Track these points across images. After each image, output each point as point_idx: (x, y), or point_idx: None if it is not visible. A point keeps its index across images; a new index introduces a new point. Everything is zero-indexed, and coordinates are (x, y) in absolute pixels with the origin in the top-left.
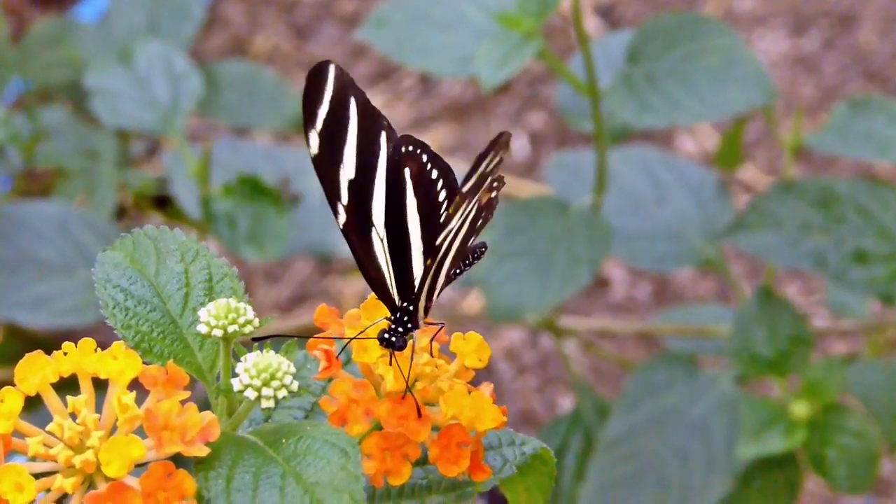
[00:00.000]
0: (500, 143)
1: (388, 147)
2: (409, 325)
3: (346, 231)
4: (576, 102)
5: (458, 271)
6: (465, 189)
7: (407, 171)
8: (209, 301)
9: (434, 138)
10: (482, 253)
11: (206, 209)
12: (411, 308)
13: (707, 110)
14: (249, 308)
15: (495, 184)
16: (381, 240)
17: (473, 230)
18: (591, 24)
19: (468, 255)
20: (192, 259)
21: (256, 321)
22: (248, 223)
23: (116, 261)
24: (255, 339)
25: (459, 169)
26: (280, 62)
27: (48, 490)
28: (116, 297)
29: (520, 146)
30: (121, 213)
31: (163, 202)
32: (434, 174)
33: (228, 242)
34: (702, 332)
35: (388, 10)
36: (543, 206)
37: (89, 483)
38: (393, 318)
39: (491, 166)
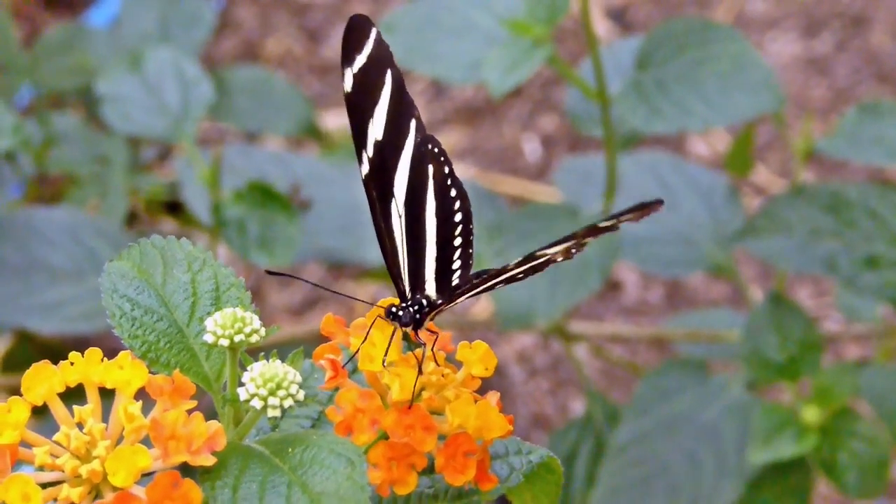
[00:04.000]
0: (649, 208)
1: (416, 136)
2: (418, 317)
3: (367, 184)
4: (586, 108)
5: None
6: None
7: (430, 169)
8: (216, 310)
9: (446, 142)
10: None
11: (216, 215)
12: (424, 302)
13: (717, 116)
14: (256, 317)
15: (574, 250)
16: (400, 216)
17: (514, 279)
18: (603, 27)
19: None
20: (199, 268)
21: (263, 331)
22: (258, 229)
23: (123, 271)
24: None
25: (470, 174)
26: (292, 66)
27: (55, 500)
28: (123, 306)
29: (531, 150)
30: (132, 218)
31: (174, 208)
32: (453, 193)
33: (239, 248)
34: (713, 337)
35: (397, 15)
36: (554, 212)
37: (96, 493)
38: (402, 304)
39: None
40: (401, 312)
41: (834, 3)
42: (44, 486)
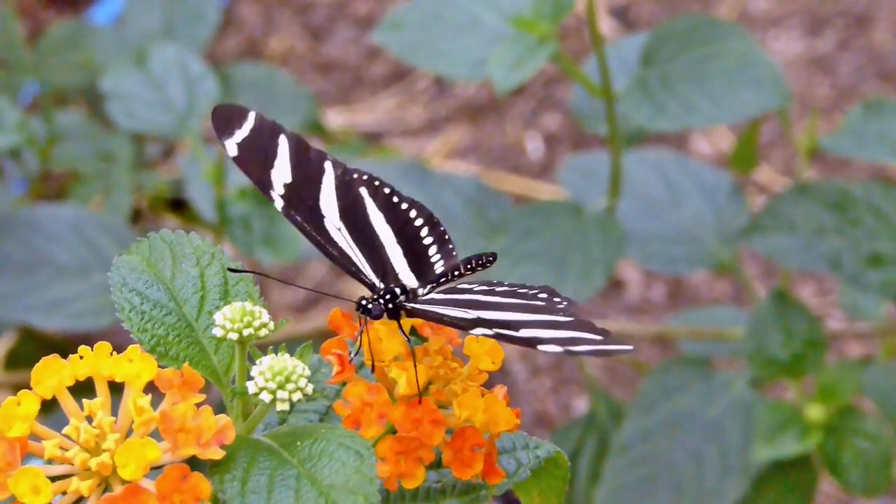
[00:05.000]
0: (615, 350)
1: (335, 170)
2: (390, 306)
3: (288, 214)
4: (590, 105)
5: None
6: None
7: (364, 191)
8: (224, 304)
9: (448, 139)
10: (490, 262)
11: (221, 212)
12: (398, 290)
13: (721, 113)
14: (265, 311)
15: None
16: (339, 229)
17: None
18: (606, 25)
19: (473, 263)
20: (208, 263)
21: (271, 324)
22: (262, 226)
23: (132, 265)
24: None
25: (472, 171)
26: (295, 64)
27: (64, 493)
28: (132, 300)
29: (534, 147)
30: (136, 215)
31: (178, 205)
32: (404, 206)
33: (243, 245)
34: (716, 335)
35: (402, 12)
36: (558, 209)
37: (105, 485)
38: (374, 295)
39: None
40: (370, 305)
41: (837, 1)
42: (53, 478)
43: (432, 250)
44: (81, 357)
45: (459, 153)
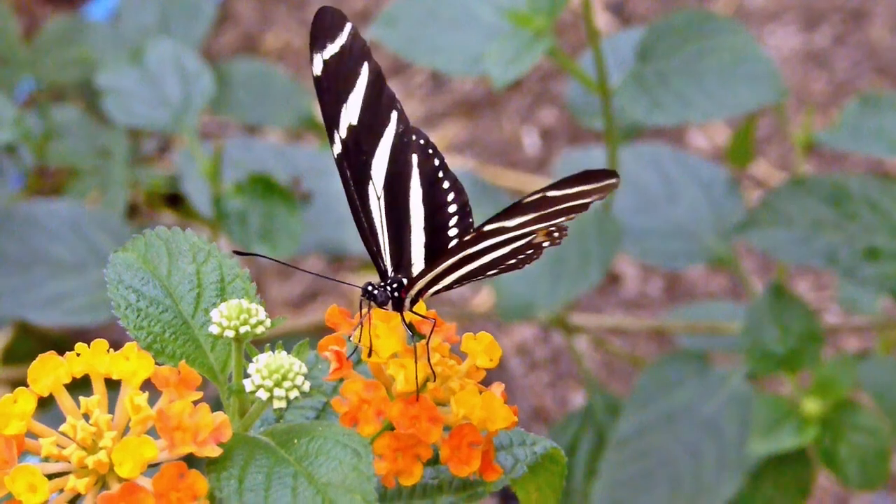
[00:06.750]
0: (605, 185)
1: (398, 126)
2: (396, 296)
3: (340, 163)
4: (586, 100)
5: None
6: (550, 193)
7: (414, 159)
8: (221, 302)
9: (445, 135)
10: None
11: (217, 207)
12: (405, 281)
13: (718, 108)
14: (261, 309)
15: (556, 233)
16: (378, 198)
17: (504, 261)
18: (602, 19)
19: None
20: (204, 260)
21: (268, 322)
22: (259, 221)
23: (129, 262)
24: None
25: (469, 167)
26: (291, 59)
27: (61, 490)
28: (129, 297)
29: (531, 142)
30: (133, 211)
31: (174, 200)
32: (445, 185)
33: (240, 240)
34: (713, 329)
35: (398, 8)
36: None
37: (102, 483)
38: (382, 282)
39: (574, 203)
40: (376, 291)
41: None
42: (50, 476)
43: (452, 244)
44: (78, 354)
45: (456, 148)
